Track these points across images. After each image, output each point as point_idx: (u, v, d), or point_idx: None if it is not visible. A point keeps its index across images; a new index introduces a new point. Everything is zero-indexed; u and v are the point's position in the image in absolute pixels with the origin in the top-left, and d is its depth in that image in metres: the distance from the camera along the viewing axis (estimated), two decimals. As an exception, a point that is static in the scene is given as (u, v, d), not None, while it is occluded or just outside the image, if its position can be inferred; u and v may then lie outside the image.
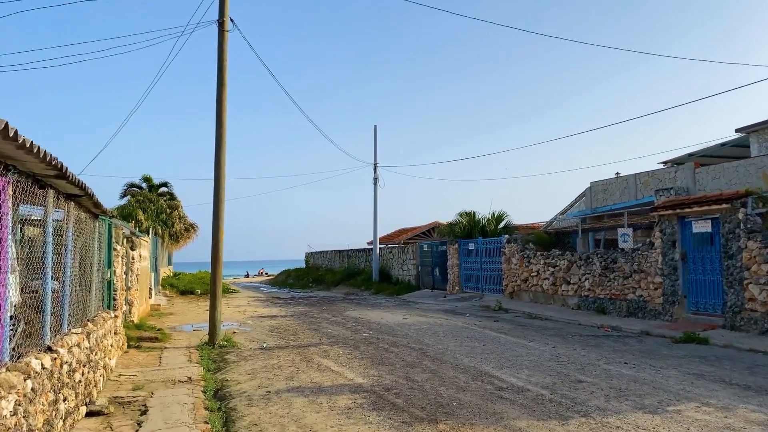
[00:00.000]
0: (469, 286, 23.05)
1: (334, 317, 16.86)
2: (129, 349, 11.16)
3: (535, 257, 18.32)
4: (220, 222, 11.77)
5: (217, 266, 11.74)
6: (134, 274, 13.62)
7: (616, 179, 25.22)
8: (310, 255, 48.01)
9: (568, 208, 27.97)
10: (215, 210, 11.76)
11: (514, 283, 19.55)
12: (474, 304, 20.29)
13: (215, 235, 11.76)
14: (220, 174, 11.76)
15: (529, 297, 18.74)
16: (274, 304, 22.62)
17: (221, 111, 11.85)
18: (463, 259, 23.39)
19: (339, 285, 33.62)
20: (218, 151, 11.79)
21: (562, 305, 17.00)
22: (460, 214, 24.30)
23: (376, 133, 30.81)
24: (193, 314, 19.06)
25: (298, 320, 16.23)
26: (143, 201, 30.71)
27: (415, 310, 18.81)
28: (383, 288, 28.41)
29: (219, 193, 11.73)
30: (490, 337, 12.17)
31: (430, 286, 26.47)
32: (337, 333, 13.18)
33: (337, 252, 40.80)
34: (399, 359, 9.64)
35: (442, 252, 25.32)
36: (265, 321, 16.29)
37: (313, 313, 18.45)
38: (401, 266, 29.55)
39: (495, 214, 23.62)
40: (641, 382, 7.73)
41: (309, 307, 20.93)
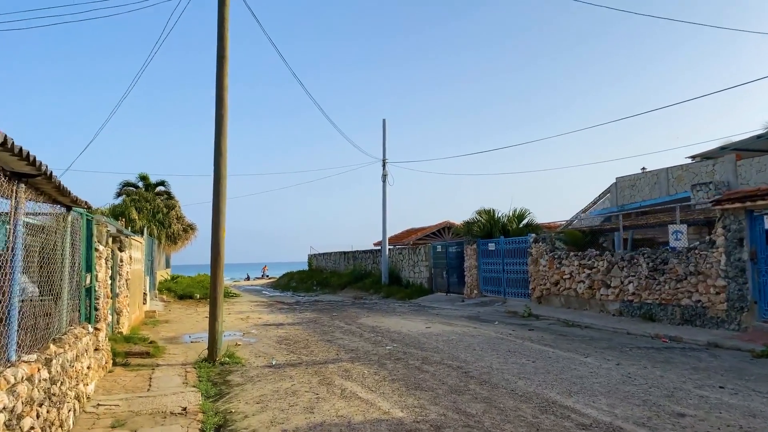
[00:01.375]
0: (490, 290, 21.36)
1: (347, 325, 15.17)
2: (115, 367, 9.48)
3: (568, 258, 16.64)
4: (221, 218, 10.10)
5: (217, 269, 10.07)
6: (123, 278, 11.94)
7: (644, 174, 23.56)
8: (313, 257, 46.32)
9: (591, 205, 26.31)
10: (215, 203, 10.09)
11: (542, 287, 17.87)
12: (497, 309, 18.60)
13: (215, 233, 10.09)
14: (221, 162, 10.09)
15: (560, 302, 17.06)
16: (279, 310, 20.94)
17: (222, 88, 10.18)
18: (482, 260, 21.69)
19: (345, 288, 31.92)
20: (218, 136, 10.12)
21: (600, 311, 15.32)
22: (479, 212, 22.61)
23: (385, 128, 29.17)
24: (191, 322, 17.38)
25: (308, 329, 14.55)
26: (138, 200, 29.04)
27: (434, 316, 17.12)
28: (394, 291, 26.71)
29: (220, 184, 10.06)
30: (534, 350, 10.48)
31: (444, 289, 24.78)
32: (355, 345, 11.49)
33: (342, 253, 39.12)
34: (438, 382, 7.96)
35: (458, 253, 23.63)
36: (271, 330, 14.61)
37: (323, 320, 16.77)
38: (412, 268, 27.86)
39: (516, 211, 21.94)
40: (762, 417, 6.05)
41: (317, 313, 19.25)
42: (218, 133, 10.12)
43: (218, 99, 10.16)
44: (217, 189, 10.07)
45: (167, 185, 34.91)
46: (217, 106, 10.17)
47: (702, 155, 24.27)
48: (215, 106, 10.18)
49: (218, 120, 10.13)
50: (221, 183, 10.08)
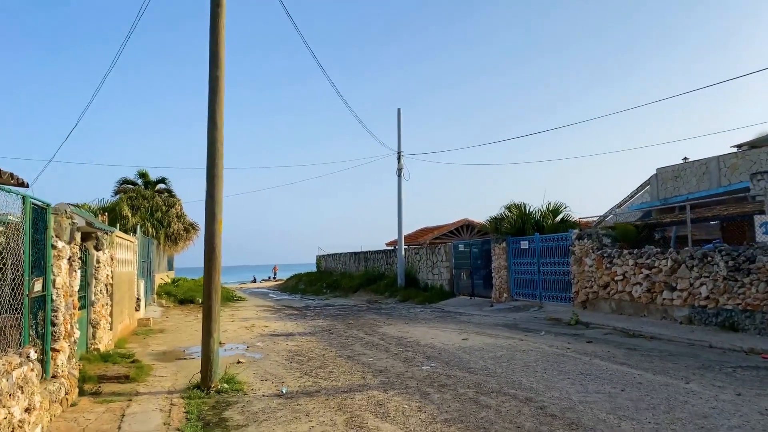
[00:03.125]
0: (522, 293, 19.18)
1: (368, 336, 13.05)
2: (81, 397, 7.40)
3: (621, 256, 14.44)
4: (217, 208, 8.00)
5: (212, 271, 7.96)
6: (101, 283, 9.85)
7: (690, 164, 21.32)
8: (321, 258, 44.22)
9: (628, 199, 24.07)
10: (209, 189, 8.00)
11: (588, 290, 15.68)
12: (535, 316, 16.42)
13: (209, 226, 7.99)
14: (216, 136, 7.98)
15: (611, 307, 14.86)
16: (287, 316, 18.84)
17: (217, 43, 8.09)
18: (513, 260, 19.51)
19: (358, 291, 29.80)
20: (213, 103, 8.02)
21: (662, 318, 13.13)
22: (508, 206, 20.43)
23: (400, 118, 27.03)
24: (188, 331, 15.30)
25: (323, 341, 12.44)
26: (136, 198, 27.02)
27: (465, 324, 14.97)
28: (411, 295, 24.56)
29: (215, 165, 7.95)
30: (611, 372, 8.31)
31: (468, 292, 22.61)
32: (384, 365, 9.36)
33: (353, 254, 37.00)
34: (511, 424, 5.81)
35: (484, 252, 21.46)
36: (279, 342, 12.50)
37: (339, 329, 14.64)
38: (431, 269, 25.71)
39: (551, 205, 19.75)
40: None
41: (331, 320, 17.13)
42: (212, 100, 8.02)
43: (212, 57, 8.06)
44: (212, 171, 7.97)
45: (168, 182, 32.88)
46: (211, 65, 8.08)
47: (750, 143, 21.99)
48: (209, 65, 8.08)
49: (212, 83, 8.03)
50: (216, 163, 7.98)
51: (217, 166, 7.97)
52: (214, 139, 7.97)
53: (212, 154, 7.95)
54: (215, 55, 8.05)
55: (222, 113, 8.07)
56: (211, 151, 7.96)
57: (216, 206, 7.97)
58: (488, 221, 21.41)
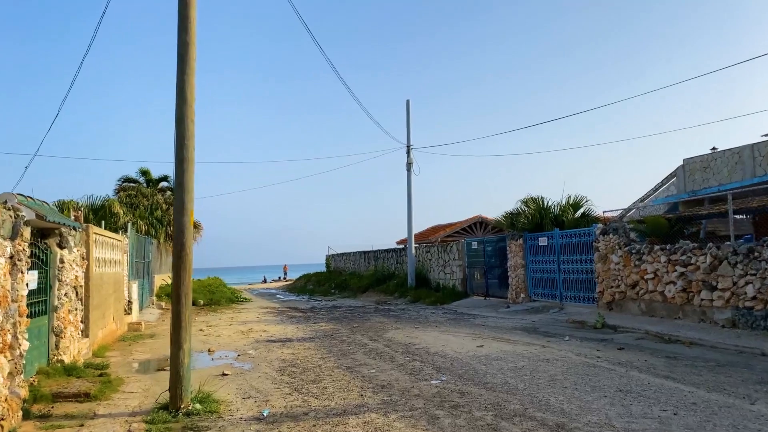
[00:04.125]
0: (541, 293, 17.85)
1: (372, 342, 11.83)
2: (27, 421, 6.25)
3: (652, 253, 13.08)
4: (187, 197, 6.81)
5: (182, 270, 6.77)
6: (67, 286, 8.70)
7: (722, 154, 19.85)
8: (331, 257, 43.07)
9: (652, 192, 22.64)
10: (178, 176, 6.80)
11: (614, 290, 14.33)
12: (556, 318, 15.10)
13: (178, 218, 6.79)
14: (186, 111, 6.78)
15: (640, 308, 13.51)
16: (290, 319, 17.67)
17: (187, 4, 6.89)
18: (530, 257, 18.18)
19: (367, 291, 28.57)
20: (182, 74, 6.82)
21: (700, 320, 11.77)
22: (525, 200, 19.08)
23: (408, 110, 25.75)
24: (180, 336, 14.15)
25: (322, 348, 11.23)
26: (136, 195, 26.04)
27: (480, 328, 13.69)
28: (422, 295, 23.28)
29: (184, 145, 6.76)
30: (655, 387, 7.01)
31: (482, 292, 21.31)
32: (387, 378, 8.12)
33: (362, 253, 35.80)
34: (541, 464, 4.55)
35: (499, 250, 20.14)
36: (274, 350, 11.31)
37: (342, 334, 13.43)
38: (443, 268, 24.42)
39: (571, 199, 18.38)
40: None
41: (335, 323, 15.92)
42: (182, 70, 6.83)
43: (181, 20, 6.86)
44: (181, 154, 6.77)
45: (170, 180, 31.92)
46: (179, 30, 6.88)
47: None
48: (178, 30, 6.89)
49: (182, 50, 6.84)
50: (186, 144, 6.78)
51: (188, 147, 6.78)
52: (183, 116, 6.77)
53: (181, 134, 6.76)
54: (185, 19, 6.85)
55: (193, 85, 6.87)
56: (180, 131, 6.76)
57: (186, 195, 6.78)
58: (503, 216, 20.09)
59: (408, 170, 25.49)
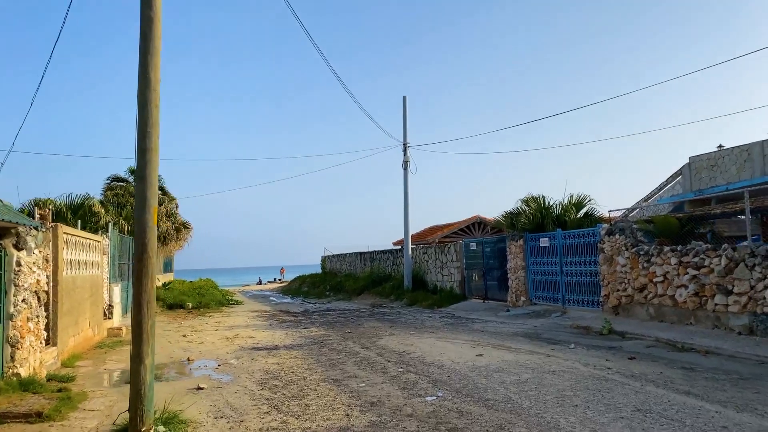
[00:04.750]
0: (542, 296, 17.08)
1: (364, 350, 11.05)
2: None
3: (661, 254, 12.33)
4: (150, 192, 6.02)
5: (144, 275, 5.98)
6: (25, 291, 7.90)
7: (730, 151, 19.12)
8: (326, 258, 42.28)
9: (656, 192, 21.90)
10: (140, 168, 6.02)
11: (621, 293, 13.57)
12: (559, 323, 14.34)
13: (140, 215, 6.01)
14: (149, 97, 6.00)
15: (648, 313, 12.76)
16: (279, 324, 16.87)
17: (149, -26, 6.11)
18: (531, 259, 17.42)
19: (362, 294, 27.79)
20: (145, 53, 6.03)
21: (714, 326, 11.01)
22: (525, 200, 18.31)
23: (405, 107, 24.95)
24: (162, 342, 13.43)
25: (311, 357, 10.45)
26: (123, 195, 25.17)
27: (479, 334, 12.92)
28: (419, 298, 22.50)
29: (146, 133, 5.97)
30: (676, 406, 6.24)
31: (481, 295, 20.54)
32: (377, 393, 7.34)
33: (358, 254, 35.01)
34: None
35: (499, 251, 19.38)
36: (258, 359, 10.52)
37: (333, 341, 12.65)
38: (440, 270, 23.65)
39: (573, 198, 17.61)
40: None
41: (327, 328, 15.14)
42: (144, 49, 6.04)
43: (144, -8, 6.09)
44: (143, 143, 5.98)
45: (161, 179, 31.14)
46: (142, 3, 6.10)
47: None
48: (140, 3, 6.11)
49: (144, 26, 6.06)
50: (149, 133, 5.99)
51: (151, 136, 5.99)
52: (146, 101, 5.99)
53: (143, 120, 5.98)
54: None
55: (157, 66, 6.09)
56: (143, 117, 5.98)
57: (148, 190, 6.00)
58: (503, 216, 19.32)
59: (405, 169, 24.72)
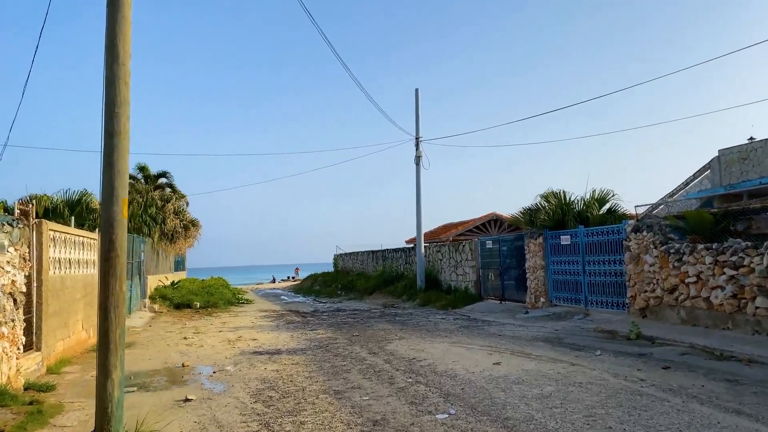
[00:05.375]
0: (563, 297, 16.16)
1: (371, 356, 10.24)
2: None
3: (694, 253, 11.37)
4: (119, 180, 5.27)
5: (111, 276, 5.24)
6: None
7: (763, 143, 18.02)
8: (338, 257, 41.57)
9: (683, 187, 20.83)
10: (107, 153, 5.27)
11: (648, 294, 12.63)
12: (581, 326, 13.43)
13: (107, 207, 5.26)
14: (118, 73, 5.25)
15: (679, 316, 11.81)
16: (286, 325, 16.14)
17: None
18: (551, 258, 16.50)
19: (374, 293, 27.01)
20: (112, 24, 5.30)
21: (755, 332, 10.05)
22: (545, 195, 17.36)
23: (418, 100, 24.11)
24: (161, 345, 12.73)
25: (314, 363, 9.66)
26: (129, 192, 24.69)
27: (496, 338, 12.06)
28: (432, 298, 21.67)
29: (114, 114, 5.22)
30: (728, 428, 5.36)
31: (497, 295, 19.65)
32: (382, 409, 6.53)
33: (371, 253, 34.23)
34: None
35: (517, 249, 18.47)
36: (257, 365, 9.76)
37: (339, 344, 11.87)
38: (454, 269, 22.78)
39: (596, 193, 16.65)
40: None
41: (334, 330, 14.36)
42: (112, 18, 5.29)
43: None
44: (111, 126, 5.24)
45: (170, 177, 30.69)
46: (109, -34, 5.35)
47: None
48: (107, -33, 5.36)
49: (111, -8, 5.30)
50: (118, 114, 5.25)
51: (119, 117, 5.24)
52: (114, 77, 5.24)
53: (111, 99, 5.23)
54: (116, -49, 5.31)
55: (127, 37, 5.33)
56: (110, 95, 5.23)
57: (117, 178, 5.24)
58: (521, 213, 18.39)
59: (417, 164, 23.86)
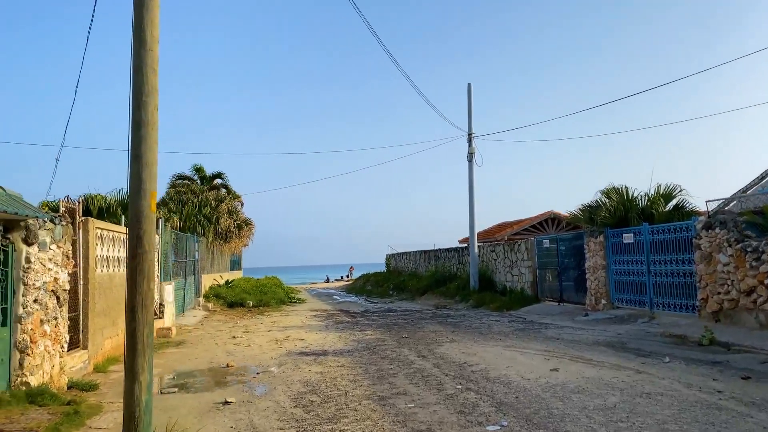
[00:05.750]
0: (625, 299, 15.21)
1: (420, 359, 9.77)
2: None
3: (777, 251, 10.35)
4: (147, 173, 5.00)
5: (139, 274, 4.97)
6: (37, 290, 7.14)
7: None
8: (391, 257, 41.20)
9: (758, 181, 19.32)
10: (135, 145, 5.01)
11: (722, 296, 11.63)
12: (646, 329, 12.52)
13: (135, 201, 5.00)
14: (146, 59, 4.99)
15: (758, 321, 10.78)
16: (335, 325, 15.87)
17: None
18: (613, 257, 15.57)
19: (426, 293, 26.48)
20: (140, 7, 5.04)
21: None
22: (606, 191, 16.40)
23: (470, 95, 23.41)
24: (209, 344, 12.67)
25: (359, 367, 9.27)
26: (184, 192, 25.13)
27: (553, 342, 11.36)
28: (486, 299, 20.97)
29: (142, 103, 4.96)
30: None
31: (555, 297, 18.79)
32: (428, 418, 6.05)
33: (423, 252, 33.69)
34: None
35: (575, 248, 17.58)
36: (302, 366, 9.46)
37: (388, 346, 11.45)
38: (509, 270, 21.99)
39: (661, 188, 15.57)
40: None
41: (383, 331, 13.97)
42: (139, 2, 5.04)
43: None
44: (138, 115, 4.98)
45: (225, 177, 31.09)
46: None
47: None
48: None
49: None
50: (146, 103, 4.99)
51: (147, 106, 4.98)
52: (142, 63, 4.98)
53: (138, 88, 4.97)
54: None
55: (155, 22, 5.07)
56: (137, 83, 4.98)
57: (144, 171, 4.98)
58: (580, 210, 17.46)
59: (469, 161, 23.17)
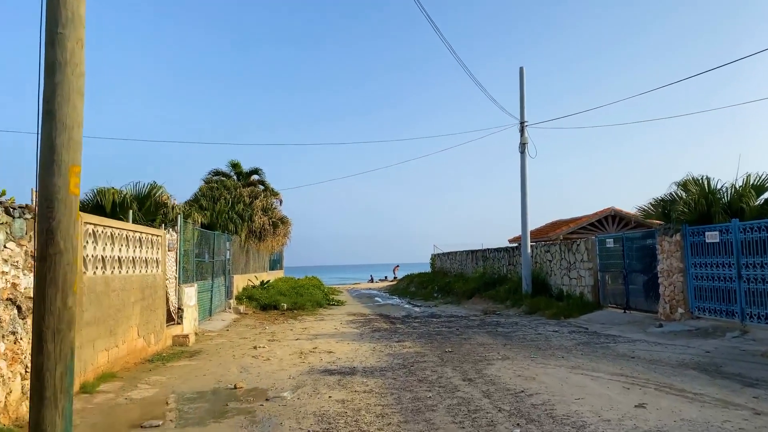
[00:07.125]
0: (708, 308, 12.99)
1: (465, 385, 7.99)
2: None
3: None
4: (62, 135, 3.38)
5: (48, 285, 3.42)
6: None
7: None
8: (436, 257, 39.36)
9: None
10: (47, 90, 3.45)
11: (844, 310, 9.40)
12: (740, 346, 10.36)
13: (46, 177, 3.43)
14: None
15: None
16: (371, 333, 14.24)
17: None
18: (692, 259, 13.36)
19: (473, 297, 24.54)
20: None
21: None
22: (683, 183, 14.11)
23: (522, 80, 21.34)
24: (226, 356, 11.20)
25: (391, 393, 7.57)
26: (218, 188, 24.00)
27: (628, 362, 9.37)
28: (541, 305, 18.92)
29: (58, 23, 3.39)
30: None
31: (620, 303, 16.62)
32: (476, 487, 4.31)
33: (470, 252, 31.71)
34: None
35: (644, 248, 15.39)
36: (321, 391, 7.82)
37: (427, 364, 9.71)
38: (566, 272, 19.87)
39: (751, 179, 13.26)
40: None
41: (423, 343, 12.23)
42: None
43: None
44: (51, 53, 3.42)
45: (262, 173, 29.95)
46: None
47: None
48: None
49: None
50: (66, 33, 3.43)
51: (62, 42, 3.41)
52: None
53: (52, 17, 3.42)
54: None
55: None
56: (52, 9, 3.42)
57: (61, 134, 3.40)
58: (651, 204, 15.21)
59: (522, 152, 21.13)
